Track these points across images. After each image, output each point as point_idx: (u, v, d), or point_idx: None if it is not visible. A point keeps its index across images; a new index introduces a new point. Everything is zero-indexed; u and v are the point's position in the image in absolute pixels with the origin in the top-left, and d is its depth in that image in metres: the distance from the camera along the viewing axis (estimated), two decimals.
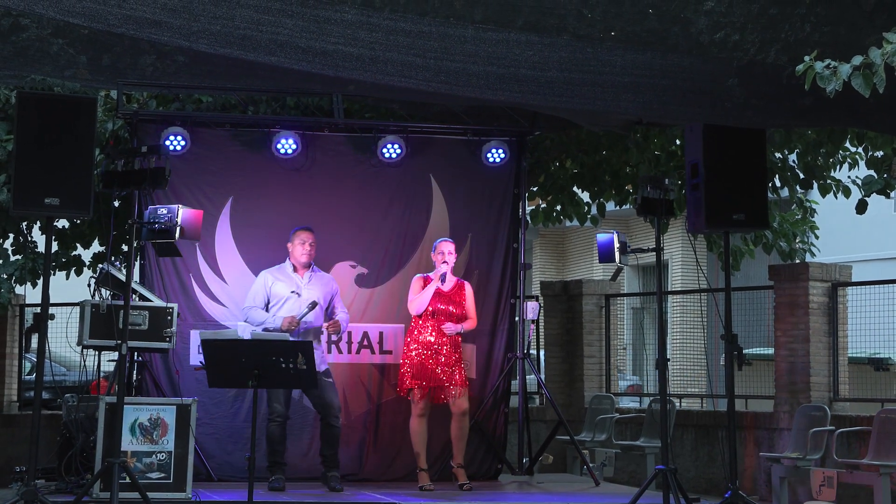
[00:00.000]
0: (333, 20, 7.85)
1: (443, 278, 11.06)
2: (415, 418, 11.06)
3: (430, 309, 11.05)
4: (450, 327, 11.05)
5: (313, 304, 10.85)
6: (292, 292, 11.00)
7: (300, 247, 11.08)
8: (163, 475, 10.10)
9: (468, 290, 11.30)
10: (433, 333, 11.01)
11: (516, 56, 8.32)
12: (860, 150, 12.84)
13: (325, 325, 11.02)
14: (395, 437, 11.83)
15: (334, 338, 11.49)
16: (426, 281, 11.14)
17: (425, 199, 12.16)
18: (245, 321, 11.09)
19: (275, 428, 10.88)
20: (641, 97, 9.19)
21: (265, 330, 10.70)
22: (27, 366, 16.52)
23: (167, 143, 11.33)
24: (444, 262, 11.10)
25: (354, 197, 12.02)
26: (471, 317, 11.24)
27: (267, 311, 11.00)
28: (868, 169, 12.19)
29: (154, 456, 10.10)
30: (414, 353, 10.99)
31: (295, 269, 11.12)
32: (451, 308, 11.08)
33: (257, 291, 11.11)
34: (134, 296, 10.37)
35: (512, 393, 12.45)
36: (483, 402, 11.81)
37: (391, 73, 8.67)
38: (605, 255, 10.57)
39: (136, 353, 11.02)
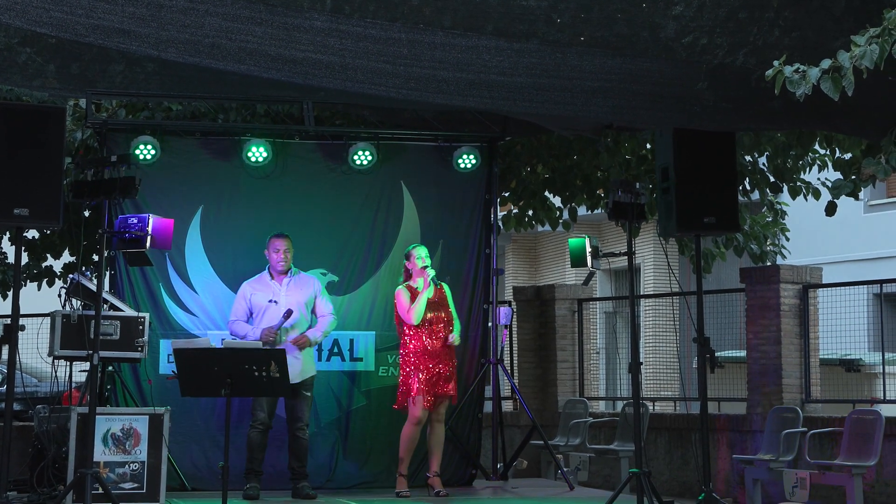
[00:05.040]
0: (303, 27, 7.83)
1: (435, 283, 11.02)
2: (410, 425, 10.95)
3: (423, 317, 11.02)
4: (453, 339, 11.03)
5: (288, 313, 10.81)
6: (270, 301, 10.96)
7: (274, 255, 11.05)
8: (136, 485, 10.06)
9: (447, 290, 11.26)
10: (424, 340, 10.95)
11: (486, 62, 8.31)
12: (828, 152, 12.90)
13: (291, 340, 10.93)
14: (364, 444, 11.84)
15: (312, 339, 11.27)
16: (412, 291, 11.09)
17: (396, 206, 12.15)
18: (231, 335, 11.03)
19: (255, 435, 10.86)
20: (611, 102, 9.19)
21: None
22: None
23: (137, 152, 11.28)
24: (425, 266, 11.05)
25: (325, 204, 12.00)
26: (454, 317, 11.21)
27: (250, 322, 10.97)
28: (836, 171, 12.25)
29: (127, 466, 10.07)
30: (409, 360, 10.93)
31: (273, 277, 11.09)
32: (440, 313, 11.04)
33: (239, 304, 11.08)
34: (105, 306, 10.33)
35: (486, 398, 12.45)
36: (457, 408, 11.80)
37: (361, 81, 8.65)
38: (578, 259, 10.59)
39: (106, 363, 10.96)
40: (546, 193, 14.38)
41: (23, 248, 10.06)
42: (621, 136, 13.18)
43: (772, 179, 13.23)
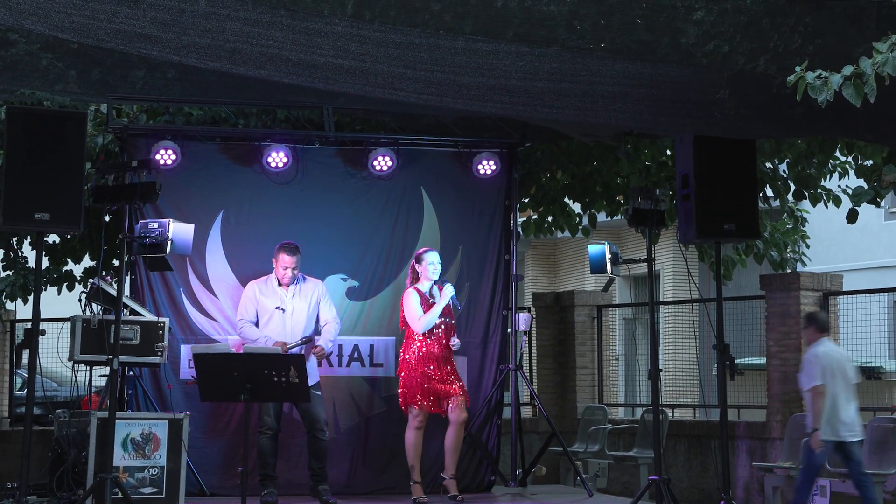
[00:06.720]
0: (324, 32, 7.84)
1: (454, 299, 11.02)
2: (412, 430, 10.99)
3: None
4: (456, 343, 11.04)
5: (307, 339, 10.82)
6: (277, 308, 10.97)
7: (282, 270, 11.03)
8: (155, 490, 10.08)
9: (450, 290, 11.23)
10: (429, 346, 10.95)
11: (506, 67, 8.31)
12: (850, 159, 12.86)
13: (314, 349, 10.98)
14: (384, 450, 11.81)
15: (328, 351, 11.36)
16: (421, 295, 11.08)
17: (416, 212, 12.14)
18: (239, 335, 11.05)
19: (265, 441, 10.84)
20: (632, 108, 9.19)
21: None
22: (18, 381, 16.48)
23: (157, 157, 11.30)
24: (444, 282, 11.06)
25: (345, 210, 12.00)
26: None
27: (256, 324, 10.98)
28: (858, 178, 12.21)
29: (146, 471, 10.09)
30: (414, 366, 10.91)
31: (279, 284, 11.09)
32: (447, 319, 11.04)
33: (248, 303, 11.08)
34: (125, 310, 10.36)
35: (505, 404, 12.44)
36: (476, 414, 11.79)
37: (381, 86, 8.66)
38: (597, 265, 10.58)
39: (126, 368, 10.98)
40: (566, 199, 14.38)
41: (43, 252, 10.08)
42: (641, 142, 13.17)
43: (793, 187, 13.20)
